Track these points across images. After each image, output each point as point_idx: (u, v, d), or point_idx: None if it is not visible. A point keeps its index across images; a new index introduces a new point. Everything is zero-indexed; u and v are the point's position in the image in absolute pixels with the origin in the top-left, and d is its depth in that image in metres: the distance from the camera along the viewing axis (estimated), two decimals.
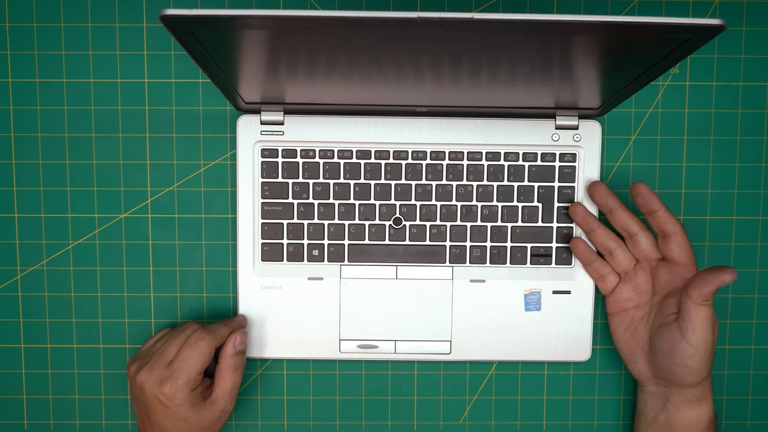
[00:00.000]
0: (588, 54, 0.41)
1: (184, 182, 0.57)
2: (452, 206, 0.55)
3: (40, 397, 0.58)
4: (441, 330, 0.56)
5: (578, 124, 0.55)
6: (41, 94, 0.56)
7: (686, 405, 0.52)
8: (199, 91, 0.56)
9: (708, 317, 0.48)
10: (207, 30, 0.36)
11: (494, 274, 0.56)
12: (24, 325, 0.57)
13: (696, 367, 0.49)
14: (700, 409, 0.52)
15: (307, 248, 0.55)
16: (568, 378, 0.58)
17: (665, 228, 0.50)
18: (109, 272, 0.57)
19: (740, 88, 0.57)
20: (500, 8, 0.56)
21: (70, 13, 0.55)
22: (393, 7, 0.56)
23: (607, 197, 0.53)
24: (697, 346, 0.48)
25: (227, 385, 0.51)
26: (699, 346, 0.48)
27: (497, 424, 0.59)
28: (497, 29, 0.36)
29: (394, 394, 0.58)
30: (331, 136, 0.55)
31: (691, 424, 0.52)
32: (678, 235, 0.50)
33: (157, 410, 0.49)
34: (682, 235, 0.50)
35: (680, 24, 0.34)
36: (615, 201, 0.53)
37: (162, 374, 0.49)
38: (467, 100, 0.52)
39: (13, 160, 0.56)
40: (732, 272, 0.46)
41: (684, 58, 0.39)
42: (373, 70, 0.44)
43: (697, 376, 0.50)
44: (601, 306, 0.58)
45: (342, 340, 0.56)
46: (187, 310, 0.57)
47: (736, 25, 0.56)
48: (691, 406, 0.52)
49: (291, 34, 0.38)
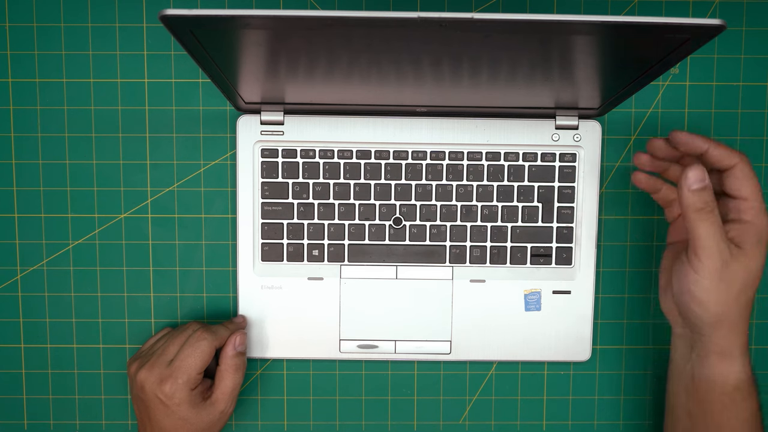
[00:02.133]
0: (588, 54, 0.41)
1: (184, 182, 0.57)
2: (452, 206, 0.55)
3: (40, 397, 0.58)
4: (441, 330, 0.56)
5: (578, 124, 0.55)
6: (41, 94, 0.56)
7: (709, 358, 0.46)
8: (199, 91, 0.56)
9: (710, 235, 0.42)
10: (207, 30, 0.36)
11: (494, 274, 0.56)
12: (24, 325, 0.57)
13: (702, 296, 0.44)
14: (723, 366, 0.45)
15: (307, 248, 0.55)
16: (568, 378, 0.58)
17: (723, 163, 0.44)
18: (109, 272, 0.57)
19: (740, 88, 0.57)
20: (500, 8, 0.56)
21: (70, 13, 0.55)
22: (393, 7, 0.56)
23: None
24: (699, 269, 0.43)
25: (228, 386, 0.51)
26: (702, 270, 0.43)
27: (497, 424, 0.59)
28: (497, 29, 0.36)
29: (394, 394, 0.58)
30: (331, 136, 0.55)
31: (715, 383, 0.46)
32: (737, 167, 0.44)
33: (157, 409, 0.49)
34: (742, 167, 0.44)
35: (680, 24, 0.34)
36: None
37: (162, 373, 0.49)
38: (467, 100, 0.52)
39: (13, 160, 0.56)
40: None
41: (684, 58, 0.39)
42: (373, 70, 0.44)
43: (706, 310, 0.44)
44: (602, 306, 0.58)
45: (342, 340, 0.56)
46: (187, 310, 0.57)
47: (736, 25, 0.56)
48: (714, 360, 0.46)
49: (291, 34, 0.38)
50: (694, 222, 0.43)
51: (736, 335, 0.45)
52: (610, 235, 0.58)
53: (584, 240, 0.56)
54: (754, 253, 0.44)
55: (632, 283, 0.58)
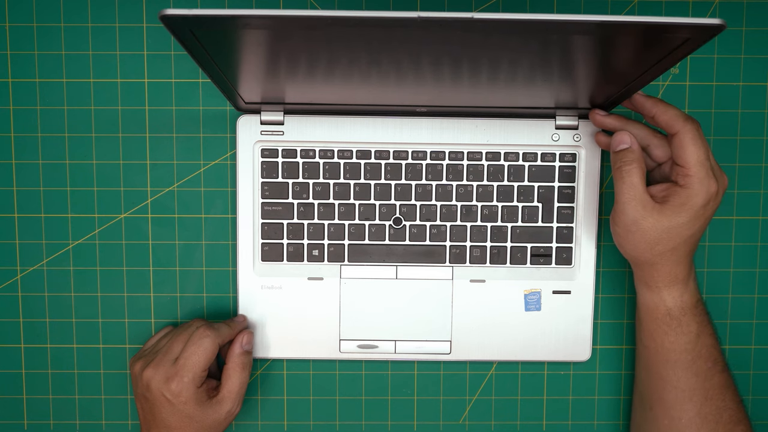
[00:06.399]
0: (588, 54, 0.41)
1: (184, 182, 0.57)
2: (452, 206, 0.55)
3: (40, 397, 0.58)
4: (441, 330, 0.56)
5: (578, 124, 0.55)
6: (41, 94, 0.56)
7: (641, 288, 0.52)
8: (199, 91, 0.56)
9: (623, 191, 0.48)
10: (207, 30, 0.36)
11: (494, 274, 0.56)
12: (24, 325, 0.57)
13: (618, 240, 0.50)
14: (652, 295, 0.50)
15: (307, 248, 0.55)
16: (568, 378, 0.58)
17: (669, 130, 0.48)
18: (109, 272, 0.57)
19: (740, 88, 0.57)
20: (500, 8, 0.56)
21: (70, 13, 0.55)
22: (393, 7, 0.56)
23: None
24: (615, 219, 0.49)
25: (235, 384, 0.51)
26: (616, 219, 0.49)
27: (497, 424, 0.59)
28: (497, 29, 0.36)
29: (394, 394, 0.58)
30: (331, 136, 0.55)
31: (648, 308, 0.51)
32: (678, 135, 0.47)
33: (162, 408, 0.49)
34: (682, 136, 0.47)
35: (680, 24, 0.35)
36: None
37: (168, 371, 0.49)
38: (467, 100, 0.52)
39: (13, 160, 0.56)
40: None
41: (684, 58, 0.39)
42: (373, 70, 0.44)
43: (624, 252, 0.50)
44: (602, 306, 0.58)
45: (342, 340, 0.56)
46: (187, 310, 0.57)
47: (736, 25, 0.56)
48: (644, 290, 0.51)
49: (291, 34, 0.38)
50: (615, 178, 0.49)
51: (658, 273, 0.50)
52: (610, 235, 0.57)
53: (584, 240, 0.56)
54: (673, 212, 0.47)
55: (632, 283, 0.58)
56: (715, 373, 0.50)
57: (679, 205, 0.47)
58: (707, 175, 0.47)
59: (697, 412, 0.50)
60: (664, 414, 0.51)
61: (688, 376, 0.50)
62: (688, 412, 0.50)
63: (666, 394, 0.51)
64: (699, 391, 0.50)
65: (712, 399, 0.50)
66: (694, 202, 0.47)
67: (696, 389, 0.50)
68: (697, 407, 0.50)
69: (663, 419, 0.51)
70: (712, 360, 0.50)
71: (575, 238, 0.56)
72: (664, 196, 0.48)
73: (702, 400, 0.50)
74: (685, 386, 0.50)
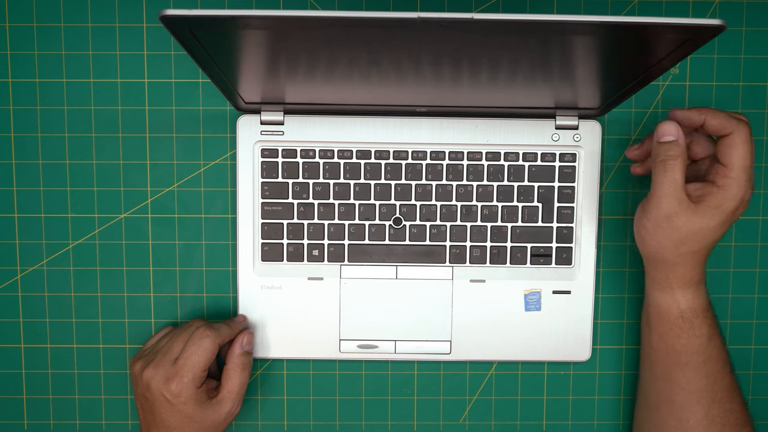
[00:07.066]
0: (588, 54, 0.41)
1: (184, 182, 0.57)
2: (452, 206, 0.55)
3: (40, 397, 0.58)
4: (441, 330, 0.56)
5: (578, 124, 0.55)
6: (41, 94, 0.56)
7: (654, 290, 0.51)
8: (199, 91, 0.56)
9: (662, 184, 0.46)
10: (207, 30, 0.36)
11: (494, 274, 0.56)
12: (24, 325, 0.57)
13: (643, 234, 0.49)
14: (666, 297, 0.50)
15: (307, 248, 0.55)
16: (568, 378, 0.58)
17: (720, 132, 0.47)
18: (109, 272, 0.57)
19: (740, 88, 0.57)
20: (500, 8, 0.56)
21: (70, 13, 0.55)
22: (393, 7, 0.56)
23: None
24: (646, 211, 0.48)
25: (235, 384, 0.51)
26: (648, 212, 0.47)
27: (497, 424, 0.59)
28: (497, 29, 0.36)
29: (394, 394, 0.58)
30: (331, 136, 0.55)
31: (660, 309, 0.50)
32: (729, 136, 0.46)
33: (162, 408, 0.49)
34: (733, 137, 0.46)
35: (680, 24, 0.35)
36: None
37: (168, 371, 0.49)
38: (467, 100, 0.52)
39: (13, 160, 0.56)
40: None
41: (684, 58, 0.39)
42: (373, 70, 0.44)
43: (644, 246, 0.49)
44: (602, 306, 0.58)
45: (342, 340, 0.56)
46: (187, 310, 0.57)
47: (736, 25, 0.56)
48: (657, 293, 0.50)
49: (291, 34, 0.38)
50: (653, 170, 0.47)
51: (674, 274, 0.49)
52: (610, 235, 0.58)
53: (584, 240, 0.56)
54: (706, 213, 0.46)
55: (632, 283, 0.58)
56: (724, 375, 0.50)
57: (714, 207, 0.46)
58: (747, 180, 0.46)
59: (705, 414, 0.50)
60: (671, 415, 0.51)
61: (698, 378, 0.50)
62: (696, 414, 0.50)
63: (674, 396, 0.51)
64: (708, 393, 0.50)
65: (720, 401, 0.50)
66: (728, 206, 0.46)
67: (705, 391, 0.50)
68: (705, 409, 0.50)
69: (670, 420, 0.51)
70: (722, 362, 0.50)
71: (575, 238, 0.56)
72: (699, 196, 0.47)
73: (710, 403, 0.50)
74: (695, 388, 0.50)
